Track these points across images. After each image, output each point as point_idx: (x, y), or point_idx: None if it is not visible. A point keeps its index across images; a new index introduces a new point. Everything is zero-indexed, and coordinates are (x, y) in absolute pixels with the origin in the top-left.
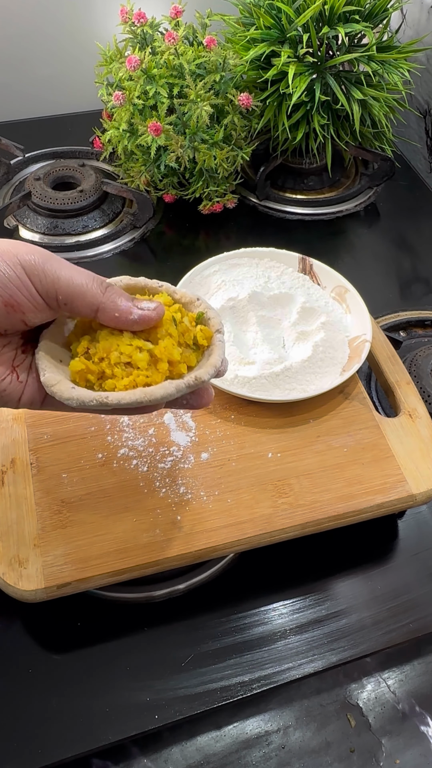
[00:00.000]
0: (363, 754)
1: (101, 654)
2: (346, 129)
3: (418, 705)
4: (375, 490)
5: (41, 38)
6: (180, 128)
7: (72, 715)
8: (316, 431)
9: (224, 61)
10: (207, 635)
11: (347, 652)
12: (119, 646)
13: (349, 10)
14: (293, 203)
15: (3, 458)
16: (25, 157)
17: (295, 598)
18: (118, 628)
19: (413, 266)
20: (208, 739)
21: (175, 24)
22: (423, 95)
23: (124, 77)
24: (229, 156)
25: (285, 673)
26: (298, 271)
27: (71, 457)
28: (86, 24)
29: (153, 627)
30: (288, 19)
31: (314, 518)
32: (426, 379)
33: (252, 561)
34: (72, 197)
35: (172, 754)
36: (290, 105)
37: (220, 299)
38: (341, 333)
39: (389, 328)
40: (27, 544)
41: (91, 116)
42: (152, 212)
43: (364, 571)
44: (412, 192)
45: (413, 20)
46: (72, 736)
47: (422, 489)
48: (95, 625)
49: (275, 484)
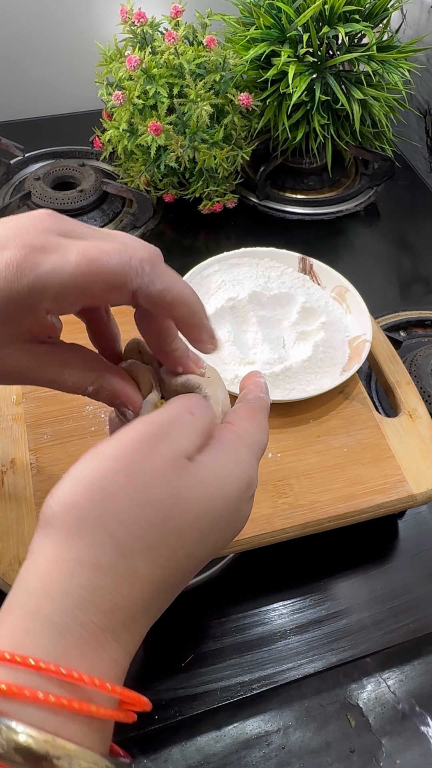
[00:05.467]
0: (363, 754)
1: None
2: (346, 129)
3: (418, 705)
4: (375, 490)
5: (41, 38)
6: (180, 128)
7: None
8: (316, 431)
9: (224, 61)
10: (207, 635)
11: (347, 653)
12: None
13: (349, 9)
14: (293, 203)
15: (3, 458)
16: (24, 157)
17: (295, 599)
18: None
19: (413, 266)
20: (208, 739)
21: (175, 24)
22: (423, 95)
23: (124, 77)
24: (229, 156)
25: (285, 673)
26: (298, 271)
27: (71, 457)
28: (86, 24)
29: (152, 627)
30: (288, 19)
31: (314, 518)
32: (426, 379)
33: (252, 561)
34: (72, 197)
35: (172, 754)
36: (290, 105)
37: (220, 299)
38: (341, 333)
39: (389, 328)
40: (27, 544)
41: (91, 116)
42: (152, 212)
43: (364, 571)
44: (412, 192)
45: (413, 20)
46: None
47: (422, 489)
48: None
49: (275, 484)
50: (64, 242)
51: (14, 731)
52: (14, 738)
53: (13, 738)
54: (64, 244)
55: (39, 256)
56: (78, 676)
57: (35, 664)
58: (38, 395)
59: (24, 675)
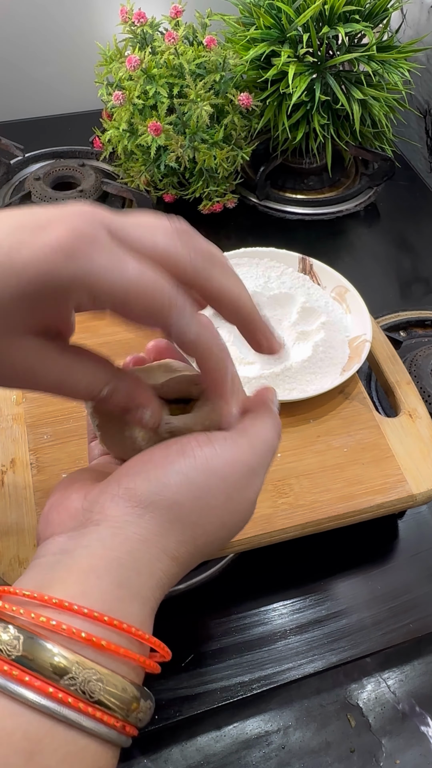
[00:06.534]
0: (363, 754)
1: None
2: (346, 129)
3: (418, 705)
4: (375, 490)
5: (41, 38)
6: (180, 128)
7: None
8: (316, 431)
9: (224, 61)
10: (207, 635)
11: (347, 653)
12: None
13: (349, 9)
14: (293, 203)
15: (3, 458)
16: (25, 157)
17: (295, 599)
18: None
19: (413, 266)
20: (208, 739)
21: (175, 24)
22: (423, 95)
23: (124, 77)
24: (229, 156)
25: (285, 673)
26: (298, 271)
27: (71, 457)
28: (86, 24)
29: (153, 627)
30: (288, 19)
31: (314, 518)
32: (426, 379)
33: (252, 561)
34: (72, 197)
35: (172, 754)
36: (290, 105)
37: None
38: (341, 333)
39: (389, 328)
40: (27, 544)
41: (91, 116)
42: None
43: (364, 571)
44: (412, 192)
45: (413, 20)
46: None
47: (422, 489)
48: None
49: (275, 484)
50: (117, 247)
51: (50, 651)
52: (49, 657)
53: (48, 657)
54: (117, 249)
55: (90, 248)
56: (148, 637)
57: (119, 625)
58: (38, 395)
59: (109, 632)
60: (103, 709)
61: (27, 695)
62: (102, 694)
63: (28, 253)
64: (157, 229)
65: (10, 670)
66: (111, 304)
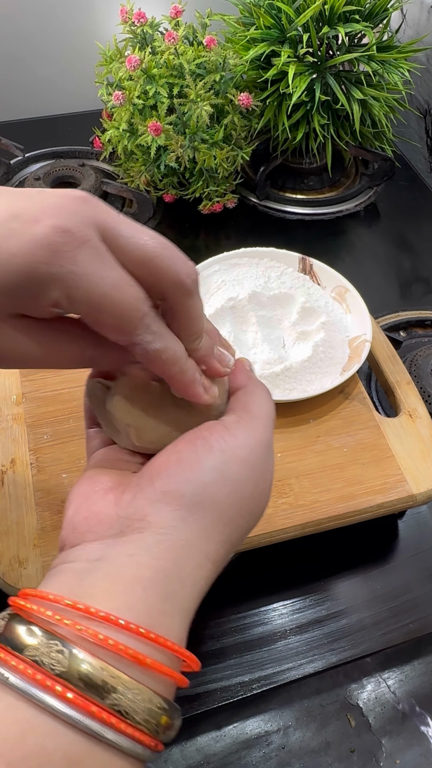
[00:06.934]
0: (363, 754)
1: None
2: (346, 129)
3: (418, 705)
4: (375, 490)
5: (41, 38)
6: (180, 128)
7: None
8: (316, 431)
9: (224, 61)
10: (207, 635)
11: (347, 653)
12: None
13: (349, 9)
14: (293, 203)
15: (3, 458)
16: (25, 157)
17: (295, 598)
18: None
19: (413, 266)
20: (208, 739)
21: (175, 24)
22: (423, 95)
23: (124, 77)
24: (229, 156)
25: (285, 673)
26: (298, 271)
27: (71, 457)
28: (86, 24)
29: None
30: (288, 19)
31: (314, 518)
32: (426, 379)
33: (252, 561)
34: None
35: (172, 754)
36: (290, 105)
37: (220, 299)
38: (341, 333)
39: (389, 328)
40: (27, 544)
41: (91, 116)
42: (152, 212)
43: (364, 571)
44: (412, 192)
45: (413, 20)
46: None
47: (422, 489)
48: None
49: (275, 484)
50: (105, 252)
51: (77, 657)
52: (97, 676)
53: (96, 675)
54: (104, 254)
55: (76, 250)
56: (189, 654)
57: (164, 643)
58: (38, 395)
59: (152, 649)
60: (141, 729)
61: (70, 714)
62: (143, 715)
63: (16, 245)
64: (147, 231)
65: (53, 685)
66: (85, 310)
